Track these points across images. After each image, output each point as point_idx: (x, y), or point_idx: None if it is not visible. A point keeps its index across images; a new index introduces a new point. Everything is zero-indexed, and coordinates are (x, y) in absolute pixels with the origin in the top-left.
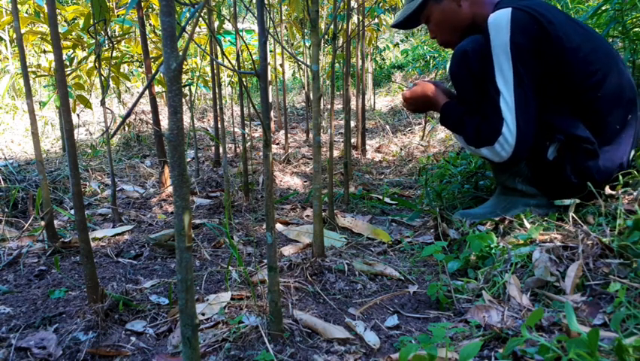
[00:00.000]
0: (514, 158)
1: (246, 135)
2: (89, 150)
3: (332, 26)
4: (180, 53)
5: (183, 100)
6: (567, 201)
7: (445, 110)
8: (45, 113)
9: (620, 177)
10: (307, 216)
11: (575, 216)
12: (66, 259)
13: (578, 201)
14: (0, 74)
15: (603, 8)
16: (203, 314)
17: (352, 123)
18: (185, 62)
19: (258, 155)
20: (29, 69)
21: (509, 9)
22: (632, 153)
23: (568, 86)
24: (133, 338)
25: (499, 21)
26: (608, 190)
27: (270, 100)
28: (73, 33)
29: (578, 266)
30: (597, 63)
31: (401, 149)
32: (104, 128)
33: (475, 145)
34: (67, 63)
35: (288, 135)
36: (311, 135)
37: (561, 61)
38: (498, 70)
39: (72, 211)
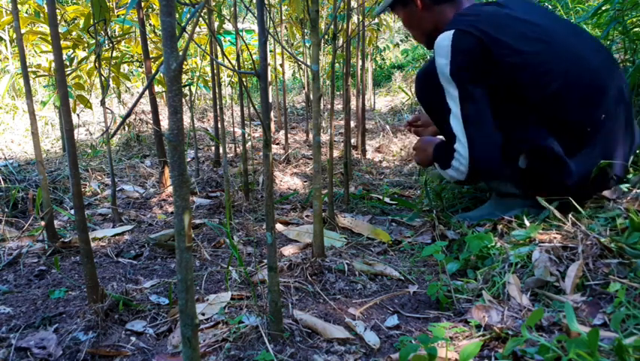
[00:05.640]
0: (472, 172)
1: (246, 135)
2: (89, 150)
3: (332, 26)
4: (180, 53)
5: (183, 100)
6: (550, 204)
7: (434, 151)
8: (45, 113)
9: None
10: (307, 216)
11: (573, 218)
12: (66, 259)
13: (557, 203)
14: (0, 74)
15: (603, 8)
16: (203, 314)
17: (352, 123)
18: (185, 62)
19: (258, 155)
20: (29, 69)
21: (452, 31)
22: (631, 155)
23: (524, 99)
24: (133, 338)
25: (442, 43)
26: (606, 193)
27: (270, 100)
28: (74, 33)
29: (578, 266)
30: (553, 72)
31: (401, 149)
32: (104, 128)
33: (443, 167)
34: (67, 63)
35: (288, 135)
36: (311, 135)
37: (509, 77)
38: (446, 91)
39: (72, 211)
